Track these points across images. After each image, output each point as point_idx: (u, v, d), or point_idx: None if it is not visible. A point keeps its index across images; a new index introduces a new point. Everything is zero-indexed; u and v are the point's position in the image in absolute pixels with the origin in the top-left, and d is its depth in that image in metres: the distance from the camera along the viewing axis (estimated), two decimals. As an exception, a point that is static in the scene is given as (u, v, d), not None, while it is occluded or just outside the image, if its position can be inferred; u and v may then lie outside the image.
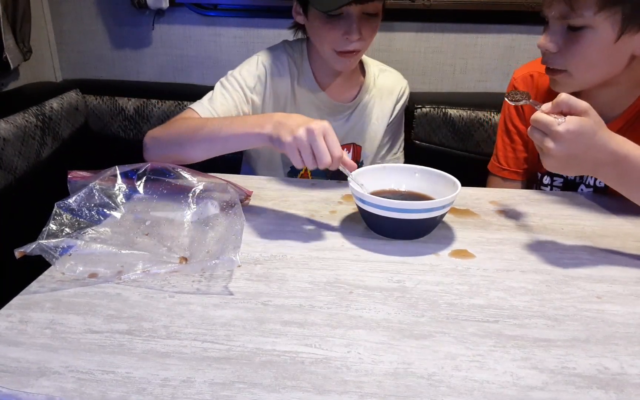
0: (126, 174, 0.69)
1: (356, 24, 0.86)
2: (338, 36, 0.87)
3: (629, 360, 0.45)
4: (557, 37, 0.74)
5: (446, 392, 0.41)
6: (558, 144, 0.58)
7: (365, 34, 0.88)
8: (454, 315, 0.52)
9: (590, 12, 0.69)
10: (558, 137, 0.58)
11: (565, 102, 0.59)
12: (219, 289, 0.55)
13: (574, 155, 0.60)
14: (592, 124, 0.59)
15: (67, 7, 1.48)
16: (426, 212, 0.64)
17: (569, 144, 0.58)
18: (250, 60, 0.97)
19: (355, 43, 0.88)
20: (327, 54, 0.91)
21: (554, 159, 0.60)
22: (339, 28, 0.87)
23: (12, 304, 0.52)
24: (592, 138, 0.59)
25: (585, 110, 0.58)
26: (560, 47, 0.74)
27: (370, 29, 0.90)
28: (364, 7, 0.86)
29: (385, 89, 1.06)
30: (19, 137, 1.13)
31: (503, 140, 0.97)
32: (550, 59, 0.76)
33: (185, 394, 0.40)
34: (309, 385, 0.42)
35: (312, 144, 0.64)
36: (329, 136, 0.65)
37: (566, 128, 0.58)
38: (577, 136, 0.58)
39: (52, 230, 0.58)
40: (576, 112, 0.58)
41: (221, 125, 0.76)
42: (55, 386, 0.41)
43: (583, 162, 0.61)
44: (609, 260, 0.63)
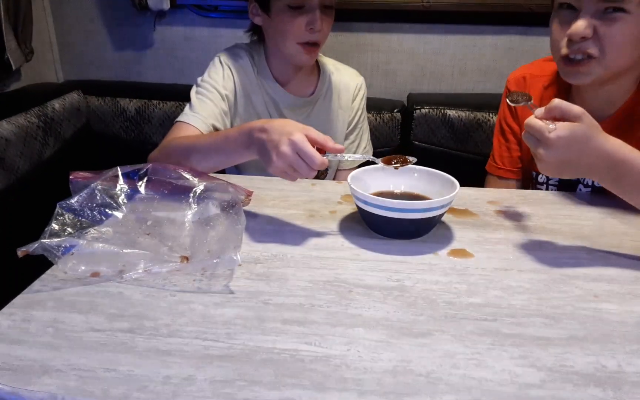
0: (128, 175, 0.70)
1: (318, 14, 0.91)
2: (301, 28, 0.92)
3: (626, 359, 0.46)
4: (594, 22, 0.71)
5: (445, 390, 0.42)
6: (550, 150, 0.58)
7: (325, 25, 0.94)
8: (452, 313, 0.52)
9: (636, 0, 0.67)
10: (549, 143, 0.57)
11: (557, 107, 0.58)
12: (220, 287, 0.56)
13: (567, 161, 0.59)
14: (584, 130, 0.58)
15: (69, 8, 1.48)
16: (425, 212, 0.64)
17: (560, 151, 0.58)
18: (214, 63, 1.01)
19: (317, 33, 0.93)
20: (290, 49, 0.95)
21: (546, 164, 0.60)
22: (301, 20, 0.91)
23: (15, 303, 0.52)
24: (585, 143, 0.58)
25: (578, 115, 0.58)
26: (595, 32, 0.71)
27: (328, 21, 0.95)
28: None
29: (341, 84, 1.09)
30: (21, 137, 1.14)
31: (498, 140, 0.98)
32: (582, 45, 0.73)
33: (187, 391, 0.41)
34: (309, 383, 0.42)
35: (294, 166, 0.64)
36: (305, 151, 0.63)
37: (557, 135, 0.57)
38: (568, 142, 0.57)
39: (55, 229, 0.58)
40: (569, 118, 0.58)
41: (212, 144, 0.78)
42: (57, 384, 0.41)
43: (577, 167, 0.61)
44: (606, 260, 0.63)
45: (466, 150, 1.29)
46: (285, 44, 0.95)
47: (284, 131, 0.65)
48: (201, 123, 0.91)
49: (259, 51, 1.04)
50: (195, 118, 0.91)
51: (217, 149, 0.78)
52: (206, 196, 0.69)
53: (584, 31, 0.71)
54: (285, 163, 0.64)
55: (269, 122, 0.69)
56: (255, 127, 0.70)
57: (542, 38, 1.37)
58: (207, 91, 0.96)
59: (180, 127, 0.90)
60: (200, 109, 0.93)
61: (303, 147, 0.63)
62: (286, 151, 0.64)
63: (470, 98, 1.37)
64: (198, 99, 0.95)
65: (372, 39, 1.44)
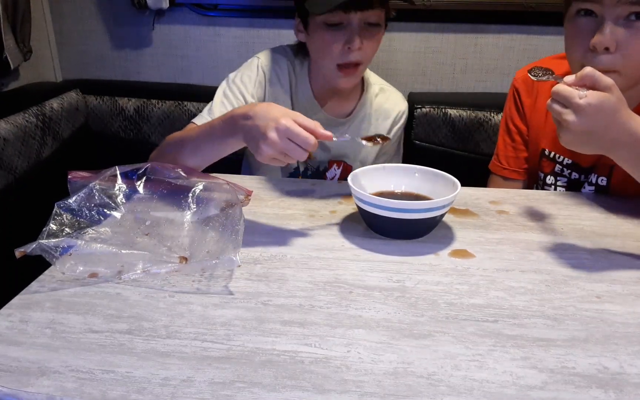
0: (126, 174, 0.69)
1: (357, 31, 0.84)
2: (339, 47, 0.85)
3: (628, 360, 0.45)
4: (615, 35, 0.67)
5: (446, 392, 0.41)
6: (578, 116, 0.56)
7: (366, 44, 0.86)
8: (453, 314, 0.52)
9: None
10: (579, 110, 0.56)
11: (590, 75, 0.56)
12: (219, 288, 0.55)
13: (593, 132, 0.58)
14: (614, 101, 0.57)
15: (68, 7, 1.48)
16: (426, 212, 0.64)
17: (589, 119, 0.56)
18: (251, 64, 0.96)
19: (356, 53, 0.85)
20: (329, 70, 0.89)
21: (571, 133, 0.58)
22: (339, 38, 0.85)
23: (13, 304, 0.52)
24: (612, 116, 0.57)
25: (609, 86, 0.57)
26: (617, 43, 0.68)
27: (372, 39, 0.87)
28: (364, 15, 0.84)
29: (382, 110, 1.03)
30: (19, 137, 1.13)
31: (504, 140, 0.97)
32: (605, 58, 0.69)
33: (185, 393, 0.41)
34: (308, 385, 0.42)
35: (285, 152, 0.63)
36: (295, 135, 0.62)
37: (588, 102, 0.56)
38: (597, 111, 0.56)
39: (53, 230, 0.58)
40: (600, 88, 0.57)
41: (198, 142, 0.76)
42: (55, 385, 0.41)
43: (600, 140, 0.59)
44: (609, 260, 0.63)
45: (467, 149, 1.29)
46: (323, 63, 0.89)
47: (270, 117, 0.63)
48: None
49: (303, 62, 0.98)
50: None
51: (205, 139, 0.76)
52: (205, 196, 0.69)
53: (608, 41, 0.67)
54: (274, 150, 0.63)
55: (252, 107, 0.68)
56: (238, 113, 0.69)
57: (543, 37, 1.36)
58: (233, 96, 0.92)
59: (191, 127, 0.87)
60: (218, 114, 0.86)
61: (294, 131, 0.61)
62: (274, 138, 0.62)
63: (471, 97, 1.37)
64: (221, 103, 0.91)
65: (372, 38, 1.43)
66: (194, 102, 1.35)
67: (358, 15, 0.83)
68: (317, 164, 1.03)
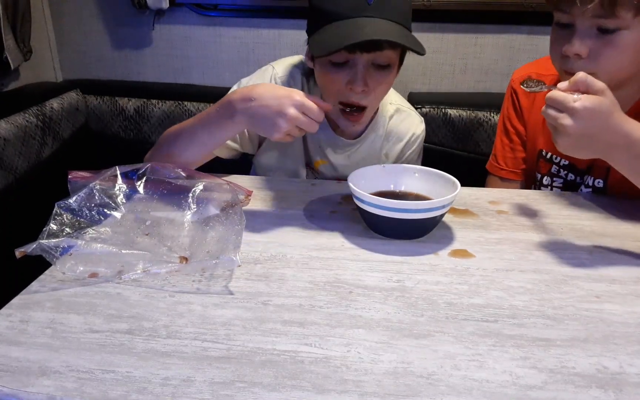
0: (126, 174, 0.69)
1: (361, 73, 0.75)
2: (341, 86, 0.77)
3: (627, 360, 0.45)
4: (587, 41, 0.70)
5: (445, 391, 0.41)
6: (574, 120, 0.57)
7: (372, 85, 0.77)
8: (453, 314, 0.52)
9: (630, 14, 0.66)
10: (574, 113, 0.57)
11: (582, 80, 0.58)
12: (219, 288, 0.55)
13: (589, 135, 0.59)
14: (608, 104, 0.58)
15: (68, 7, 1.48)
16: (426, 212, 0.64)
17: (585, 121, 0.57)
18: (265, 73, 0.91)
19: (360, 95, 0.77)
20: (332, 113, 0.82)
21: (568, 137, 0.59)
22: (343, 77, 0.76)
23: (13, 304, 0.52)
24: (607, 119, 0.58)
25: (602, 90, 0.58)
26: (590, 51, 0.70)
27: (380, 81, 0.78)
28: (371, 56, 0.74)
29: (395, 133, 0.95)
30: (19, 137, 1.13)
31: (502, 141, 0.97)
32: (577, 64, 0.71)
33: (186, 393, 0.41)
34: (308, 385, 0.42)
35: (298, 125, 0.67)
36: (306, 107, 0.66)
37: (583, 105, 0.57)
38: (592, 114, 0.57)
39: (53, 230, 0.58)
40: (593, 91, 0.58)
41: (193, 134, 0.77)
42: (56, 385, 0.41)
43: (597, 143, 0.60)
44: (608, 260, 0.63)
45: (467, 149, 1.29)
46: (328, 100, 0.79)
47: (279, 95, 0.67)
48: None
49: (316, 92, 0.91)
50: None
51: (200, 127, 0.76)
52: (205, 196, 0.69)
53: (579, 50, 0.70)
54: (291, 124, 0.67)
55: (252, 89, 0.69)
56: (236, 98, 0.70)
57: (543, 37, 1.36)
58: None
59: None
60: None
61: (307, 105, 0.66)
62: (293, 113, 0.66)
63: (471, 97, 1.37)
64: None
65: (372, 38, 1.43)
66: (194, 102, 1.35)
67: (365, 56, 0.74)
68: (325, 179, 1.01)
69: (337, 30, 0.71)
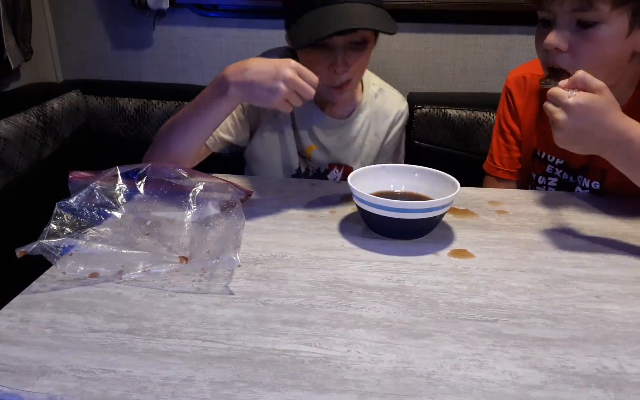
0: (127, 174, 0.69)
1: (341, 55, 0.81)
2: (324, 68, 0.83)
3: (627, 360, 0.45)
4: (567, 35, 0.70)
5: (445, 391, 0.41)
6: (567, 115, 0.60)
7: (352, 63, 0.83)
8: (453, 314, 0.52)
9: (607, 7, 0.66)
10: (567, 108, 0.60)
11: (581, 78, 0.60)
12: (219, 288, 0.55)
13: (582, 130, 0.61)
14: (603, 102, 0.60)
15: (68, 7, 1.48)
16: (425, 212, 0.64)
17: (577, 117, 0.60)
18: None
19: (343, 75, 0.84)
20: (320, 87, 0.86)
21: (562, 132, 0.61)
22: (324, 60, 0.82)
23: (13, 304, 0.52)
24: (600, 116, 0.60)
25: (599, 88, 0.60)
26: (570, 45, 0.70)
27: (359, 58, 0.84)
28: (347, 38, 0.81)
29: (381, 111, 1.02)
30: (19, 137, 1.13)
31: (498, 141, 0.98)
32: (558, 58, 0.72)
33: (186, 392, 0.41)
34: (308, 384, 0.42)
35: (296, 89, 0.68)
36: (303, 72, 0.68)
37: (576, 101, 0.59)
38: (585, 111, 0.59)
39: (53, 230, 0.58)
40: (590, 89, 0.60)
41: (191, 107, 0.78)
42: (56, 385, 0.41)
43: (590, 139, 0.62)
44: (608, 260, 0.63)
45: (467, 149, 1.29)
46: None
47: (274, 63, 0.68)
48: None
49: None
50: None
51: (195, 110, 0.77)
52: (205, 196, 0.69)
53: (556, 43, 0.70)
54: (290, 88, 0.68)
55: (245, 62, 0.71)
56: (229, 72, 0.72)
57: (543, 37, 1.36)
58: None
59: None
60: None
61: (302, 69, 0.68)
62: (290, 74, 0.67)
63: (470, 97, 1.37)
64: None
65: (372, 38, 1.43)
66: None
67: (341, 39, 0.81)
68: (318, 165, 1.03)
69: (314, 20, 0.78)
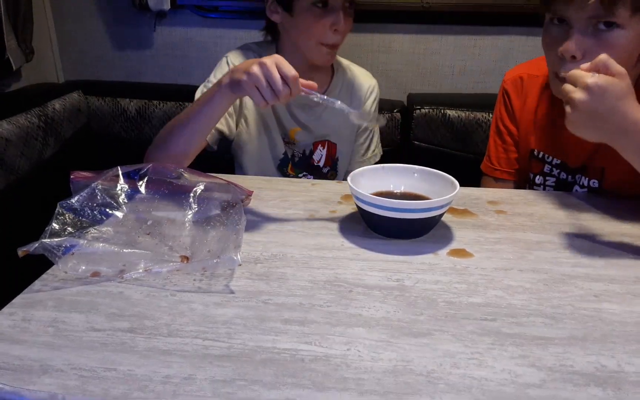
0: (128, 174, 0.70)
1: (342, 15, 0.92)
2: (326, 28, 0.92)
3: (626, 358, 0.46)
4: (585, 42, 0.70)
5: (445, 390, 0.42)
6: (585, 95, 0.59)
7: (346, 26, 0.94)
8: (452, 313, 0.52)
9: (627, 12, 0.67)
10: (586, 88, 0.59)
11: (603, 62, 0.60)
12: (220, 287, 0.56)
13: (597, 113, 0.60)
14: (622, 87, 0.59)
15: (69, 8, 1.49)
16: (425, 212, 0.64)
17: (595, 98, 0.59)
18: (221, 63, 1.02)
19: (339, 35, 0.94)
20: (312, 48, 0.95)
21: (577, 113, 0.60)
22: (326, 20, 0.92)
23: (15, 303, 0.52)
24: (618, 100, 0.59)
25: (620, 73, 0.59)
26: (585, 51, 0.70)
27: (349, 21, 0.96)
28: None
29: (354, 85, 1.09)
30: (21, 137, 1.14)
31: (495, 141, 0.98)
32: (574, 65, 0.70)
33: (187, 391, 0.41)
34: (309, 383, 0.42)
35: (267, 77, 0.67)
36: (282, 65, 0.67)
37: (595, 81, 0.58)
38: (603, 92, 0.58)
39: (55, 229, 0.58)
40: (611, 73, 0.59)
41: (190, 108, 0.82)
42: (57, 384, 0.41)
43: (604, 124, 0.61)
44: (607, 260, 0.63)
45: (466, 150, 1.29)
46: (307, 43, 0.95)
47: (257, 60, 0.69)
48: None
49: (270, 50, 1.03)
50: None
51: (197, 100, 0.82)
52: (206, 196, 0.69)
53: (574, 51, 0.70)
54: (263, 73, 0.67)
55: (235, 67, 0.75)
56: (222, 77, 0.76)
57: (542, 38, 1.37)
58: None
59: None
60: None
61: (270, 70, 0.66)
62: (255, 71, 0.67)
63: (470, 98, 1.37)
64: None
65: (372, 39, 1.44)
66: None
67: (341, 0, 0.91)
68: (303, 147, 1.06)
69: None
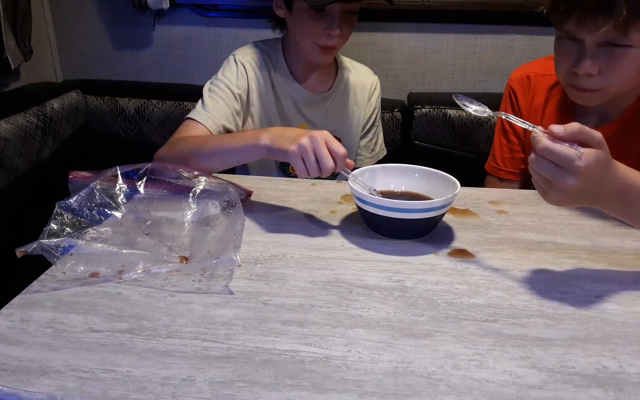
0: (127, 174, 0.69)
1: (338, 21, 0.92)
2: (320, 31, 0.93)
3: (627, 360, 0.45)
4: (598, 60, 0.72)
5: (445, 391, 0.41)
6: (577, 179, 0.51)
7: (344, 31, 0.95)
8: (453, 314, 0.52)
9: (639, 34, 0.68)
10: (578, 172, 0.51)
11: (581, 132, 0.52)
12: (220, 288, 0.55)
13: (588, 190, 0.53)
14: (605, 157, 0.53)
15: (68, 7, 1.48)
16: (426, 212, 0.64)
17: (586, 179, 0.52)
18: (229, 61, 1.02)
19: (335, 39, 0.94)
20: (308, 46, 0.97)
21: (565, 195, 0.53)
22: (321, 23, 0.93)
23: (13, 303, 0.52)
24: (605, 172, 0.54)
25: (600, 141, 0.53)
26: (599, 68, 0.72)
27: (349, 27, 0.96)
28: (346, 5, 0.93)
29: (357, 82, 1.11)
30: (19, 137, 1.13)
31: (500, 141, 0.97)
32: (587, 81, 0.74)
33: (186, 392, 0.41)
34: (308, 384, 0.42)
35: (315, 150, 0.66)
36: (331, 142, 0.66)
37: (586, 163, 0.51)
38: (594, 171, 0.52)
39: (53, 229, 0.58)
40: (591, 144, 0.52)
41: (221, 141, 0.81)
42: (56, 385, 0.41)
43: (592, 196, 0.56)
44: (608, 261, 0.63)
45: (467, 149, 1.29)
46: (304, 42, 0.97)
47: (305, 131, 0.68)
48: (212, 123, 0.91)
49: (276, 48, 1.05)
50: (206, 117, 0.92)
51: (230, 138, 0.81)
52: (206, 196, 0.69)
53: (590, 68, 0.72)
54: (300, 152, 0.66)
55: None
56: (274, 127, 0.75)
57: (543, 37, 1.37)
58: (220, 90, 0.96)
59: (190, 125, 0.91)
60: (211, 108, 0.93)
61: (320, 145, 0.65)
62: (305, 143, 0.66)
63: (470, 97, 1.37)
64: (210, 97, 0.96)
65: (372, 38, 1.44)
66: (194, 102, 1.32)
67: (340, 6, 0.92)
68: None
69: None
